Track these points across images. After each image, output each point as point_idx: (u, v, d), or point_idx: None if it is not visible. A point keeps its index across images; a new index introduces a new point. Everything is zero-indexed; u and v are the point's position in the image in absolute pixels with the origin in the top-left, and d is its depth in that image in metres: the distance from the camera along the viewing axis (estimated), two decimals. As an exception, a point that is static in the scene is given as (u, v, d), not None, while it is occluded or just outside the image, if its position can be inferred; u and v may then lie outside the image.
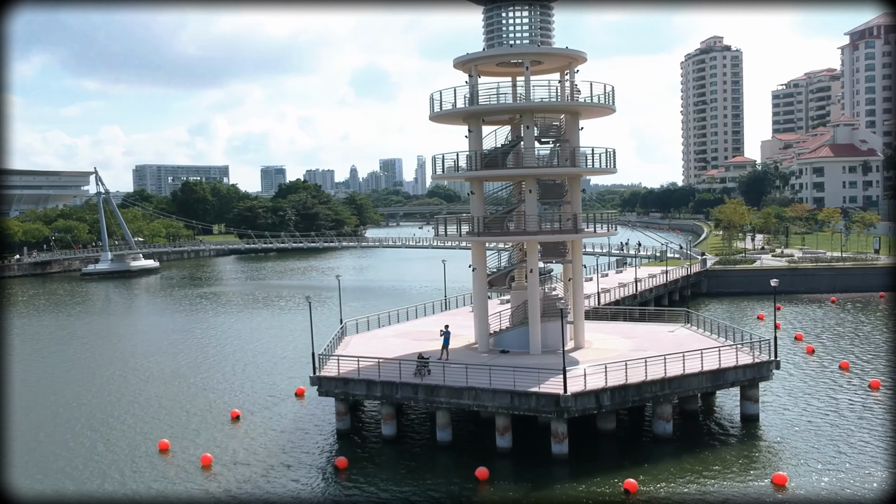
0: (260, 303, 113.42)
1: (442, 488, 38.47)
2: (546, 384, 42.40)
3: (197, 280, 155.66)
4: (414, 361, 46.60)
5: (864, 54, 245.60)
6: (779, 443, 43.54)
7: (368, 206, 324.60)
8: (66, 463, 44.39)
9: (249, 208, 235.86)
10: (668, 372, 43.93)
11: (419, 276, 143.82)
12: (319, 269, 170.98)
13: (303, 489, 39.07)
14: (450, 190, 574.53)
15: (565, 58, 51.48)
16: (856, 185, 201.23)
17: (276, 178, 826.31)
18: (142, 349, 78.66)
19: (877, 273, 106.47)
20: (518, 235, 51.52)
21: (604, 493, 37.17)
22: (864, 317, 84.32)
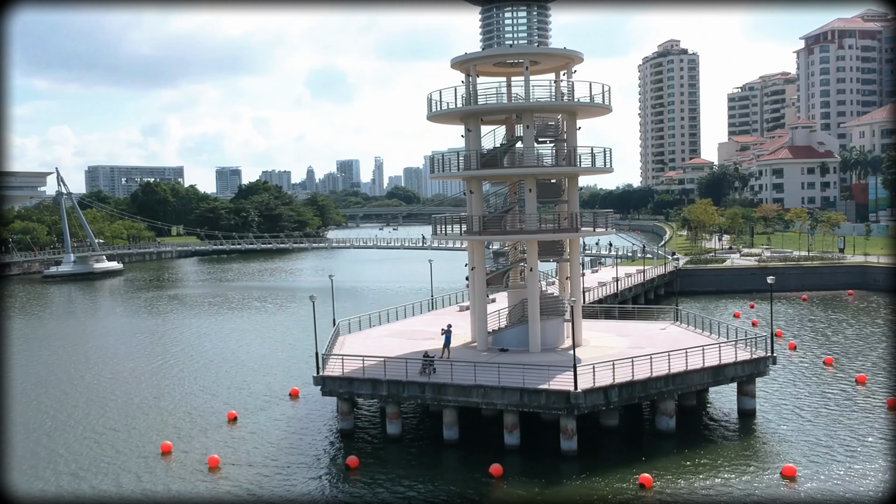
0: (236, 305, 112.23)
1: (458, 486, 38.56)
2: (555, 381, 42.72)
3: (163, 282, 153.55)
4: (418, 360, 46.64)
5: (819, 58, 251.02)
6: (779, 436, 44.41)
7: (331, 207, 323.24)
8: (71, 465, 43.60)
9: (212, 209, 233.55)
10: (671, 368, 44.55)
11: (389, 277, 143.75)
12: (286, 270, 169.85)
13: (318, 489, 38.87)
14: (409, 191, 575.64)
15: (563, 58, 51.95)
16: (814, 186, 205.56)
17: (232, 179, 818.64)
18: (123, 352, 77.43)
19: (843, 271, 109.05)
20: (518, 234, 51.77)
21: (619, 487, 37.57)
22: (836, 314, 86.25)
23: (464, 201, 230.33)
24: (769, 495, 36.18)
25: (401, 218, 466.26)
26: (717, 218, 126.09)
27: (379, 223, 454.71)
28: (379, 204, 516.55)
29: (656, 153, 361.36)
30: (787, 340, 70.75)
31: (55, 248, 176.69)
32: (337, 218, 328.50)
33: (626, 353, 48.49)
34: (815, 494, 36.03)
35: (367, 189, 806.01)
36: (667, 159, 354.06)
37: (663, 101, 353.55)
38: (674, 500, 36.07)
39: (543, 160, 51.97)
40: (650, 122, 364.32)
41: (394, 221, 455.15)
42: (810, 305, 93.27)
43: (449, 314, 69.81)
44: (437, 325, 63.56)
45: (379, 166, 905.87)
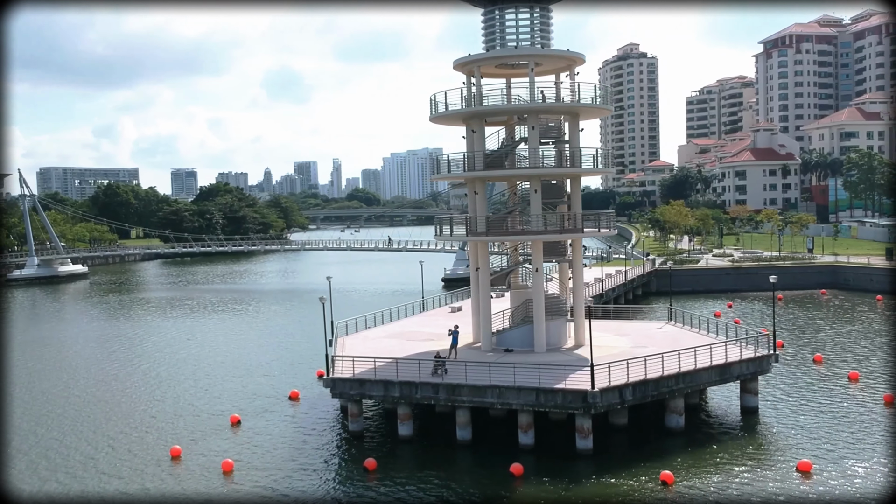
0: (215, 308, 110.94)
1: (481, 486, 38.58)
2: (570, 381, 42.98)
3: (132, 285, 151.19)
4: (429, 361, 46.60)
5: (778, 62, 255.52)
6: (786, 432, 45.15)
7: (294, 209, 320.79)
8: (89, 470, 42.93)
9: (175, 211, 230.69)
10: (681, 367, 45.06)
11: (361, 279, 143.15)
12: (254, 272, 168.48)
13: (340, 492, 38.59)
14: (369, 193, 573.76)
15: (566, 59, 52.30)
16: (776, 188, 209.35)
17: (188, 181, 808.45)
18: (111, 356, 76.05)
19: (815, 271, 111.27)
20: (522, 235, 51.97)
21: (642, 485, 37.90)
22: (814, 312, 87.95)
23: (424, 203, 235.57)
24: (788, 490, 36.75)
25: (362, 220, 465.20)
26: (689, 219, 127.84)
27: (339, 225, 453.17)
28: (339, 206, 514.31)
29: (616, 155, 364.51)
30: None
31: (16, 251, 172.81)
32: (300, 220, 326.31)
33: (630, 352, 48.98)
34: (830, 490, 36.69)
35: (325, 191, 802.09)
36: (627, 161, 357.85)
37: (623, 104, 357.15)
38: (697, 496, 36.48)
39: (545, 161, 52.27)
40: (610, 124, 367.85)
41: (355, 223, 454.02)
42: (787, 305, 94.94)
43: (441, 315, 69.84)
44: (432, 326, 63.75)
45: (337, 168, 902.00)
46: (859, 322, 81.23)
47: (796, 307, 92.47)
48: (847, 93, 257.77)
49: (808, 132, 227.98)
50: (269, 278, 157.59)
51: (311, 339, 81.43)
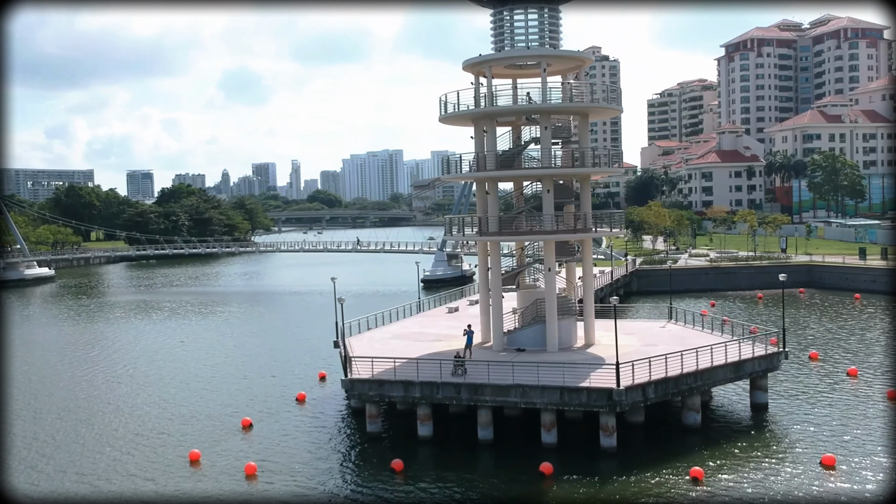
0: (198, 310, 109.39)
1: (511, 486, 38.60)
2: (594, 379, 43.21)
3: (103, 288, 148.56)
4: (447, 360, 46.56)
5: (740, 65, 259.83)
6: (801, 427, 45.81)
7: (258, 210, 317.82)
8: (110, 473, 42.06)
9: (140, 213, 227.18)
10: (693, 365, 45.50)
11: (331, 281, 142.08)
12: (225, 274, 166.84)
13: (369, 494, 38.25)
14: (330, 195, 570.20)
15: (575, 60, 52.63)
16: (741, 189, 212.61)
17: (144, 183, 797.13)
18: (106, 359, 74.60)
19: (791, 270, 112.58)
20: (534, 235, 52.10)
21: (671, 482, 38.20)
22: (796, 311, 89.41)
23: (387, 205, 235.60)
24: (817, 485, 37.32)
25: (324, 222, 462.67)
26: (667, 220, 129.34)
27: (301, 227, 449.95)
28: (300, 208, 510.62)
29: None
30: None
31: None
32: (265, 222, 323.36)
33: (642, 350, 49.43)
34: (857, 483, 37.35)
35: (284, 192, 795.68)
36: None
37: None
38: (729, 492, 36.86)
39: (554, 161, 52.49)
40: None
41: (317, 225, 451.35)
42: (768, 303, 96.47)
43: (439, 316, 69.75)
44: (434, 327, 63.65)
45: (296, 169, 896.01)
46: (842, 320, 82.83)
47: (777, 306, 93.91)
48: (806, 96, 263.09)
49: (771, 134, 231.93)
50: (241, 280, 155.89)
51: (305, 340, 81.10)
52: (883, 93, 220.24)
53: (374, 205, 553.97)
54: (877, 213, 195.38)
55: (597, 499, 36.80)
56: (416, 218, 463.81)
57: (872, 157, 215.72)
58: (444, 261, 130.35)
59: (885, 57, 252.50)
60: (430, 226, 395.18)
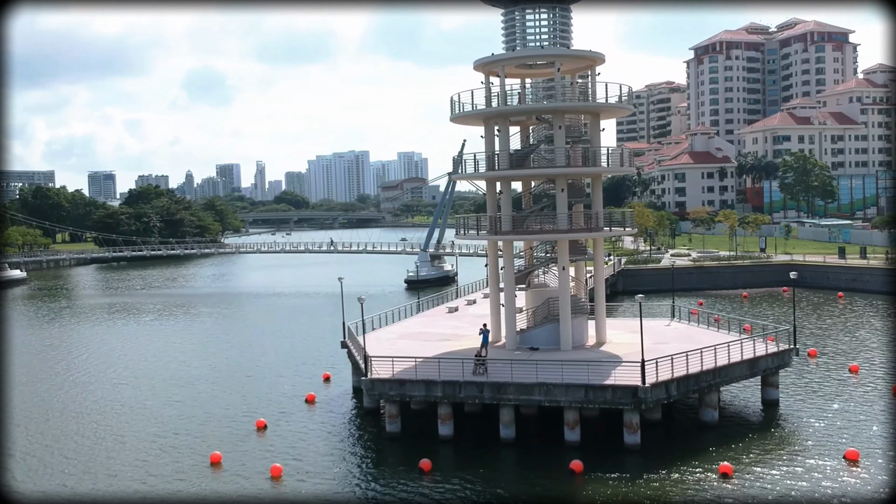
0: (185, 311, 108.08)
1: (541, 484, 38.60)
2: (618, 377, 43.41)
3: (81, 290, 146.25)
4: (464, 359, 46.53)
5: (709, 68, 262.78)
6: (815, 423, 46.38)
7: (229, 212, 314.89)
8: (138, 472, 41.36)
9: (111, 214, 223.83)
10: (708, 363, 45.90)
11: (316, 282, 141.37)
12: (201, 276, 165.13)
13: (400, 494, 38.02)
14: (298, 196, 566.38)
15: (587, 59, 52.89)
16: (713, 190, 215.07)
17: (106, 184, 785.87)
18: (108, 361, 73.41)
19: (772, 270, 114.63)
20: (547, 234, 52.23)
21: (701, 478, 38.47)
22: (782, 309, 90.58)
23: (355, 206, 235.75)
24: (845, 478, 37.83)
25: (292, 223, 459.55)
26: (649, 220, 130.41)
27: (268, 228, 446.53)
28: (267, 209, 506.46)
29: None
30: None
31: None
32: (235, 223, 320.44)
33: (655, 349, 49.58)
34: (881, 477, 37.95)
35: (249, 194, 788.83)
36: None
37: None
38: (760, 487, 37.21)
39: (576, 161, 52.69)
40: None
41: (284, 227, 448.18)
42: (754, 302, 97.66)
43: (440, 316, 69.65)
44: (438, 326, 63.59)
45: (261, 170, 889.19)
46: (831, 317, 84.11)
47: (764, 304, 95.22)
48: (774, 98, 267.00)
49: (741, 136, 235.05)
50: (220, 282, 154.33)
51: (303, 341, 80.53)
52: (850, 95, 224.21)
53: (342, 206, 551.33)
54: (845, 213, 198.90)
55: (631, 496, 36.93)
56: (385, 219, 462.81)
57: (840, 159, 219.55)
58: (428, 261, 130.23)
59: (850, 60, 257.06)
60: (400, 227, 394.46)
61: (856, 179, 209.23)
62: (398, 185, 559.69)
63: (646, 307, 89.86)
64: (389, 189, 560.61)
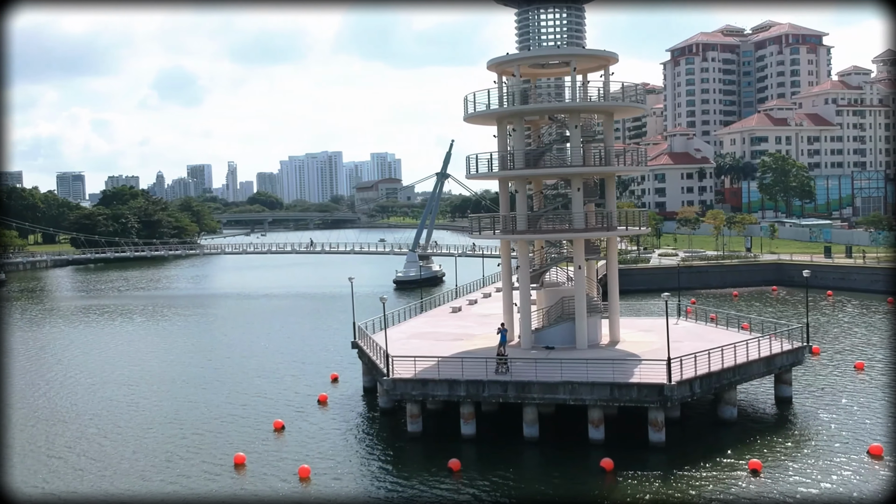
0: (176, 313, 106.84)
1: (572, 482, 38.65)
2: (643, 375, 43.59)
3: (64, 292, 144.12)
4: (485, 359, 46.54)
5: (685, 69, 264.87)
6: (832, 419, 46.89)
7: (206, 212, 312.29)
8: (164, 474, 40.80)
9: (88, 216, 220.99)
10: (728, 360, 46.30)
11: (302, 283, 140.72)
12: (182, 277, 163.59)
13: (432, 495, 37.84)
14: (272, 196, 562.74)
15: (601, 59, 53.09)
16: (693, 191, 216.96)
17: (75, 185, 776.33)
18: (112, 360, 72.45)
19: (760, 269, 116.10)
20: (563, 233, 52.39)
21: (732, 474, 38.72)
22: (774, 308, 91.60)
23: (330, 207, 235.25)
24: (873, 473, 38.28)
25: (266, 224, 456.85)
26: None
27: (242, 229, 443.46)
28: (241, 210, 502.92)
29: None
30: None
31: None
32: (212, 224, 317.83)
33: (672, 347, 49.89)
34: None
35: (220, 194, 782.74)
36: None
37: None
38: (788, 483, 37.52)
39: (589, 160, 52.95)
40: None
41: (259, 228, 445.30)
42: (744, 301, 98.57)
43: (443, 316, 69.53)
44: (445, 326, 63.54)
45: (233, 171, 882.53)
46: (823, 316, 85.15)
47: (756, 303, 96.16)
48: (749, 99, 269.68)
49: (719, 137, 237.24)
50: (203, 283, 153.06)
51: (304, 342, 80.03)
52: (825, 97, 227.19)
53: (317, 207, 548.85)
54: (822, 213, 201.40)
55: (665, 493, 37.05)
56: (360, 220, 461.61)
57: (817, 160, 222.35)
58: (416, 262, 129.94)
59: (824, 62, 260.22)
60: (376, 228, 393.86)
61: (832, 180, 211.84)
62: (373, 186, 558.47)
63: (640, 307, 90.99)
64: (364, 190, 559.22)
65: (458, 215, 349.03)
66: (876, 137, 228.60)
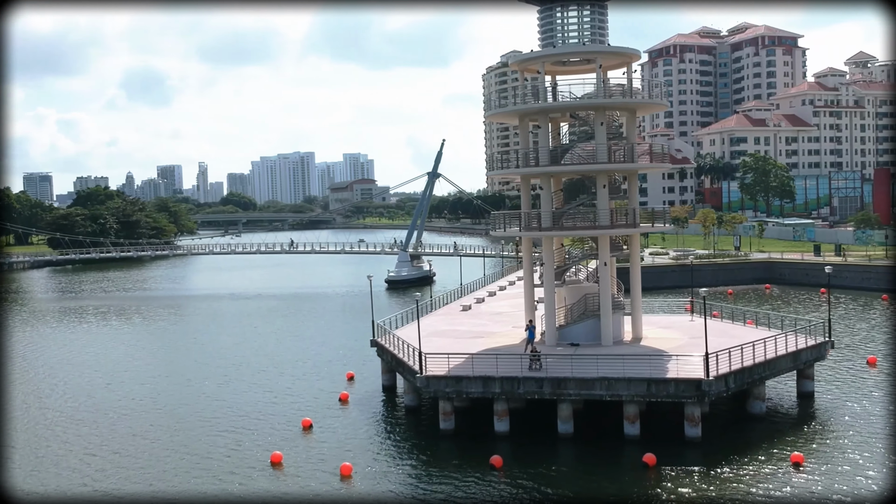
0: (172, 311, 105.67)
1: (614, 478, 38.66)
2: (680, 370, 43.80)
3: (50, 294, 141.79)
4: (514, 356, 46.59)
5: (663, 71, 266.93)
6: (860, 413, 47.37)
7: (183, 213, 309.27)
8: (197, 473, 40.26)
9: (66, 216, 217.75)
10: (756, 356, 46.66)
11: (290, 283, 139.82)
12: (165, 278, 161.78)
13: (476, 492, 37.67)
14: (245, 197, 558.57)
15: (624, 56, 53.36)
16: (674, 191, 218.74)
17: (42, 185, 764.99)
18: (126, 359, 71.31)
19: (752, 267, 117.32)
20: (588, 230, 52.55)
21: (774, 468, 38.98)
22: (771, 305, 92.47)
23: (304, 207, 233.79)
24: (910, 466, 38.79)
25: (240, 225, 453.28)
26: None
27: (216, 230, 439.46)
28: (214, 210, 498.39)
29: (503, 159, 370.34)
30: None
31: None
32: (189, 225, 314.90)
33: (695, 344, 50.35)
34: None
35: (191, 195, 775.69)
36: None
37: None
38: (832, 476, 37.85)
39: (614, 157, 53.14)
40: (495, 129, 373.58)
41: (233, 229, 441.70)
42: (740, 299, 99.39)
43: (454, 313, 69.41)
44: (461, 324, 63.47)
45: (203, 172, 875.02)
46: (819, 312, 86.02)
47: (753, 301, 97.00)
48: (725, 100, 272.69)
49: (699, 137, 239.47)
50: (188, 283, 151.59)
51: (311, 340, 79.47)
52: (802, 98, 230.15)
53: (291, 207, 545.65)
54: (801, 212, 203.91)
55: (709, 487, 37.22)
56: (335, 220, 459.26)
57: (794, 160, 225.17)
58: (408, 261, 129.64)
59: (799, 64, 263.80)
60: (351, 228, 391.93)
61: (809, 180, 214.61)
62: (348, 187, 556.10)
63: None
64: (339, 190, 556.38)
65: (435, 215, 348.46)
66: (852, 138, 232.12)
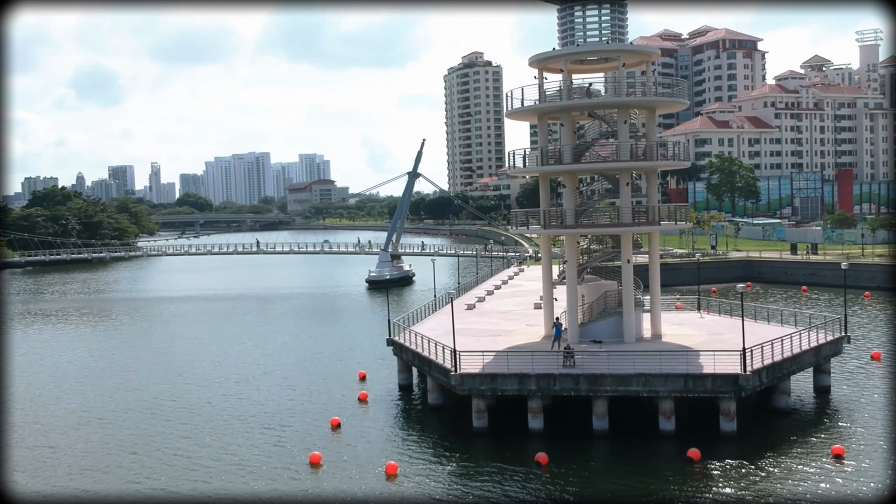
0: (165, 311, 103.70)
1: (660, 474, 38.74)
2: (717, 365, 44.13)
3: (24, 296, 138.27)
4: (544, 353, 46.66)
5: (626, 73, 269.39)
6: (884, 405, 48.29)
7: (144, 214, 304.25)
8: (234, 474, 39.42)
9: (26, 217, 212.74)
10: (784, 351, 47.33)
11: (264, 284, 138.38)
12: (140, 279, 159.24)
13: (524, 490, 37.49)
14: (201, 198, 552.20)
15: (643, 55, 53.84)
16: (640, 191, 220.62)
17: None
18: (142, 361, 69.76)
19: (731, 266, 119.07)
20: (612, 227, 52.81)
21: (817, 461, 39.46)
22: (758, 303, 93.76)
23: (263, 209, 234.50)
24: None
25: (198, 226, 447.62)
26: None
27: (172, 231, 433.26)
28: (170, 212, 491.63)
29: (464, 161, 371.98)
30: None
31: None
32: (150, 226, 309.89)
33: (716, 340, 50.99)
34: None
35: (144, 196, 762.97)
36: (475, 167, 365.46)
37: (470, 111, 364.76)
38: (875, 466, 38.50)
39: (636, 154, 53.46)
40: (457, 131, 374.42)
41: (190, 230, 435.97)
42: (724, 298, 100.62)
43: (461, 313, 69.04)
44: (469, 322, 63.27)
45: (156, 172, 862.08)
46: (809, 309, 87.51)
47: (737, 299, 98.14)
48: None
49: (664, 139, 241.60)
50: (161, 285, 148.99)
51: (316, 340, 78.71)
52: (764, 100, 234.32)
53: (249, 208, 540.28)
54: (764, 212, 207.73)
55: (755, 480, 37.52)
56: (294, 222, 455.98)
57: (757, 161, 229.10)
58: (388, 261, 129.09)
59: (759, 67, 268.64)
60: (311, 229, 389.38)
61: (772, 180, 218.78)
62: (306, 188, 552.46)
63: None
64: (297, 191, 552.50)
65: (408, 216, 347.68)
66: (812, 140, 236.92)
